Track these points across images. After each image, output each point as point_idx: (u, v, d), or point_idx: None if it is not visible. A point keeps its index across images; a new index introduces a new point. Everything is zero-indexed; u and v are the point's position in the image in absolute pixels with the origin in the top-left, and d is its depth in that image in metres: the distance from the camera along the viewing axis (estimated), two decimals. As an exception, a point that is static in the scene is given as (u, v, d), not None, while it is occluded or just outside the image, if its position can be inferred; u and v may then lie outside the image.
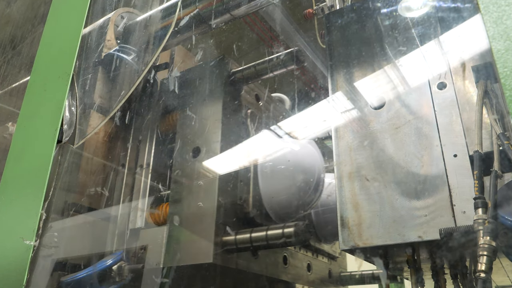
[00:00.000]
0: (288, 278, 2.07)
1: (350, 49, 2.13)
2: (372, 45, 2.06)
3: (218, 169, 1.77)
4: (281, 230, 1.65)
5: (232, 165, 1.81)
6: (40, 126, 1.45)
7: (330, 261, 2.55)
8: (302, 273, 2.21)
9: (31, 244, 1.20)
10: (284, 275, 2.04)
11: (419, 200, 1.66)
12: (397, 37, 2.00)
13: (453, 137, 1.66)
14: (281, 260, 2.05)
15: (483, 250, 1.28)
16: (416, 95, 1.83)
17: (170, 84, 2.03)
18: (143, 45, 2.13)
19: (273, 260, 1.98)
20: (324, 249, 2.45)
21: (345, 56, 2.14)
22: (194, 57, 2.40)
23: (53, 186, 1.29)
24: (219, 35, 3.04)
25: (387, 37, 2.03)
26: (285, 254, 2.07)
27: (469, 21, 1.79)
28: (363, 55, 2.08)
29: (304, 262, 2.25)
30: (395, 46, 1.99)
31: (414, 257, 1.75)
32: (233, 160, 1.82)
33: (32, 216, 1.25)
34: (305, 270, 2.24)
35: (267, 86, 2.26)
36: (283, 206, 1.90)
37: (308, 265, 2.28)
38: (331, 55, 2.19)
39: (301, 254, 2.24)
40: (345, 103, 2.05)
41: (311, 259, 2.33)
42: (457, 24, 1.83)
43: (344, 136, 1.96)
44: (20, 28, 2.44)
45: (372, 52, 2.05)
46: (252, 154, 1.90)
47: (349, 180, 1.86)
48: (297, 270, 2.16)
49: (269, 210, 1.90)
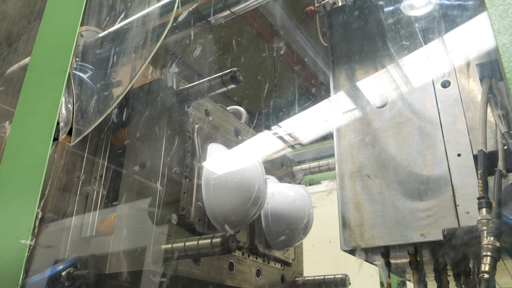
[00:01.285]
0: (234, 283, 2.15)
1: (353, 47, 2.13)
2: (375, 43, 2.07)
3: (161, 182, 1.90)
4: (210, 240, 1.72)
5: (175, 179, 1.95)
6: (36, 123, 1.45)
7: (284, 267, 2.61)
8: (250, 278, 2.28)
9: (27, 243, 1.20)
10: (229, 281, 2.12)
11: (422, 200, 1.66)
12: (400, 35, 2.00)
13: (457, 136, 1.66)
14: (227, 266, 2.13)
15: (486, 251, 1.28)
16: (419, 93, 1.83)
17: (168, 80, 2.06)
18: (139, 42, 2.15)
19: (217, 265, 2.06)
20: (275, 255, 2.51)
21: (347, 53, 2.14)
22: (156, 71, 2.45)
23: (49, 184, 1.29)
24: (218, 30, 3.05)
25: (390, 35, 2.03)
26: (231, 261, 2.16)
27: (473, 18, 1.79)
28: (365, 52, 2.08)
29: (253, 267, 2.33)
30: (398, 43, 1.99)
31: (416, 258, 1.75)
32: (176, 173, 1.97)
33: (28, 215, 1.25)
34: (254, 275, 2.32)
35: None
36: (224, 217, 2.02)
37: (257, 271, 2.36)
38: (333, 52, 2.19)
39: (250, 260, 2.32)
40: (347, 102, 2.05)
41: (261, 265, 2.40)
42: (462, 22, 1.84)
43: (346, 135, 1.96)
44: (16, 25, 2.44)
45: (375, 50, 2.05)
46: (196, 167, 2.06)
47: (350, 180, 1.86)
48: (244, 276, 2.24)
49: (212, 220, 2.01)
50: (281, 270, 2.57)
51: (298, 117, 4.31)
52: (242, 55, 5.37)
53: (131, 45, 2.22)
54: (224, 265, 2.11)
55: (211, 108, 2.29)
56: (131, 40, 2.25)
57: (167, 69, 2.37)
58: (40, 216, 1.26)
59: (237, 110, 2.90)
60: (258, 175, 2.11)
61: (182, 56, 4.15)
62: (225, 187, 2.03)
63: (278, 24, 4.70)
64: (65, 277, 1.76)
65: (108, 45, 2.41)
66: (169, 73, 2.11)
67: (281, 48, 5.20)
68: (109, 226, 1.95)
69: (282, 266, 2.59)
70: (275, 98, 5.55)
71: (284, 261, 2.60)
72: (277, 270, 2.54)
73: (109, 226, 1.95)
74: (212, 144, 2.19)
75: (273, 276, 2.49)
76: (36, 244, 1.24)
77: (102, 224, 1.98)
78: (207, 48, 3.49)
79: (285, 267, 2.61)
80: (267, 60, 5.50)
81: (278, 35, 5.12)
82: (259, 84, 5.49)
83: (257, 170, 2.12)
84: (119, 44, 2.29)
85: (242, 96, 5.65)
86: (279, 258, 2.55)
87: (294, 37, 4.85)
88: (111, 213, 1.98)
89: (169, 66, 2.40)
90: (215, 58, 4.43)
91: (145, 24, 2.22)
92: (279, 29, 4.83)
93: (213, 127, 2.28)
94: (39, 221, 1.24)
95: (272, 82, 5.58)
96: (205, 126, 2.19)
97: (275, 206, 2.43)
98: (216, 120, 2.31)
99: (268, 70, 5.49)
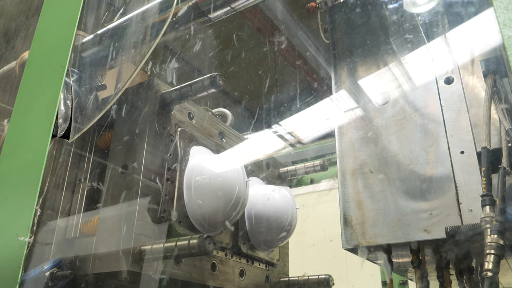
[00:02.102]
0: (216, 283, 2.18)
1: (354, 43, 2.13)
2: (377, 39, 2.06)
3: (142, 185, 1.93)
4: (187, 242, 1.75)
5: (156, 181, 1.99)
6: (35, 120, 1.44)
7: (268, 267, 2.65)
8: (233, 279, 2.31)
9: (25, 240, 1.20)
10: (211, 281, 2.15)
11: (425, 198, 1.66)
12: (403, 31, 2.00)
13: (460, 133, 1.66)
14: (209, 267, 2.16)
15: (490, 249, 1.28)
16: (422, 90, 1.83)
17: (167, 76, 2.09)
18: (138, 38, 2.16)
19: (199, 266, 2.09)
20: (259, 256, 2.55)
21: (349, 50, 2.13)
22: (144, 74, 2.47)
23: (47, 181, 1.29)
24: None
25: (393, 31, 2.03)
26: (214, 261, 2.20)
27: (477, 14, 1.79)
28: (367, 49, 2.08)
29: (236, 268, 2.36)
30: (401, 40, 1.99)
31: (418, 257, 1.75)
32: (158, 176, 2.01)
33: (27, 212, 1.25)
34: (237, 276, 2.35)
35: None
36: (205, 219, 2.06)
37: (241, 271, 2.38)
38: (334, 49, 2.19)
39: (233, 261, 2.35)
40: (348, 98, 2.05)
41: (245, 265, 2.43)
42: (465, 17, 1.83)
43: (347, 132, 1.96)
44: (14, 21, 2.43)
45: (377, 46, 2.05)
46: (178, 170, 2.10)
47: (352, 178, 1.86)
48: (227, 276, 2.27)
49: (194, 222, 2.05)
50: (266, 271, 2.61)
51: (298, 115, 4.31)
52: (243, 50, 5.38)
53: (129, 42, 2.23)
54: (206, 265, 2.14)
55: (194, 111, 2.33)
56: (129, 36, 2.26)
57: (167, 64, 2.38)
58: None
59: (223, 113, 2.93)
60: (239, 178, 2.15)
61: (181, 52, 4.16)
62: (207, 189, 2.07)
63: (278, 20, 4.69)
64: (48, 277, 1.80)
65: (105, 43, 2.41)
66: (168, 68, 2.12)
67: (282, 43, 5.19)
68: (93, 228, 1.99)
69: (267, 266, 2.63)
70: (276, 93, 5.55)
71: (269, 261, 2.64)
72: (262, 270, 2.58)
73: (93, 228, 1.99)
74: (195, 147, 2.22)
75: (257, 277, 2.52)
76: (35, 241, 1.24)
77: (86, 226, 2.02)
78: (207, 42, 3.49)
79: (269, 267, 2.65)
80: (268, 54, 5.51)
81: (279, 31, 5.12)
82: (259, 79, 5.50)
83: (238, 173, 2.16)
84: (118, 39, 2.30)
85: (242, 92, 5.66)
86: (264, 259, 2.59)
87: (294, 33, 4.85)
88: (94, 215, 2.03)
89: (168, 63, 2.41)
90: (213, 54, 4.44)
91: (145, 20, 2.23)
92: (280, 24, 4.83)
93: (197, 129, 2.31)
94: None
95: (273, 77, 5.59)
96: (188, 129, 2.22)
97: (258, 207, 2.48)
98: (199, 123, 2.34)
99: (269, 65, 5.50)
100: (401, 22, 2.02)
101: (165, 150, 2.09)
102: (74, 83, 2.09)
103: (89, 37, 2.46)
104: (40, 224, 1.93)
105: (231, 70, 5.22)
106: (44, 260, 1.89)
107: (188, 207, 2.05)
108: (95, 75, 2.36)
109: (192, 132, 2.25)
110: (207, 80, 2.02)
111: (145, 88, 2.16)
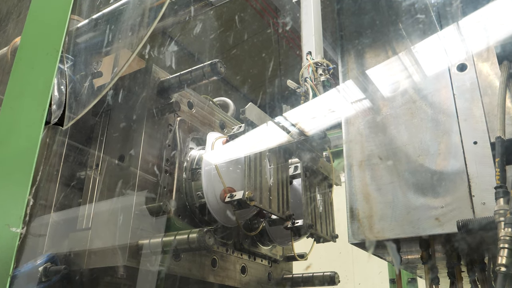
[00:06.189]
0: (217, 280, 2.18)
1: (363, 30, 2.12)
2: (387, 25, 2.05)
3: (140, 176, 1.92)
4: (187, 236, 1.75)
5: (154, 172, 1.99)
6: (27, 106, 1.44)
7: (271, 264, 2.64)
8: (234, 275, 2.31)
9: (17, 231, 1.20)
10: (211, 277, 2.15)
11: (435, 190, 1.66)
12: (414, 14, 1.98)
13: (473, 122, 1.65)
14: (209, 263, 2.16)
15: (504, 243, 1.28)
16: (434, 78, 1.82)
17: (166, 60, 2.08)
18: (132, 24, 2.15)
19: (199, 262, 2.09)
20: (262, 252, 2.54)
21: (357, 37, 2.12)
22: (141, 61, 2.45)
23: (40, 170, 1.29)
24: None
25: (403, 17, 2.01)
26: (214, 257, 2.20)
27: None
28: (376, 35, 2.06)
29: (237, 264, 2.36)
30: (411, 24, 1.97)
31: (428, 252, 1.75)
32: (156, 167, 2.00)
33: (19, 202, 1.25)
34: (239, 272, 2.35)
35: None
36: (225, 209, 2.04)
37: (242, 268, 2.38)
38: (342, 36, 2.17)
39: (234, 257, 2.34)
40: (356, 87, 2.04)
41: (246, 261, 2.43)
42: (479, 3, 1.81)
43: (355, 122, 1.95)
44: (5, 3, 2.42)
45: (387, 33, 2.03)
46: (177, 161, 2.09)
47: (359, 169, 1.85)
48: (228, 272, 2.27)
49: (213, 212, 2.04)
50: (268, 267, 2.60)
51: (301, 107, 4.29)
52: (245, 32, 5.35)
53: (126, 25, 2.22)
54: (206, 261, 2.14)
55: (194, 100, 2.31)
56: (125, 20, 2.25)
57: (165, 48, 2.37)
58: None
59: (225, 102, 2.90)
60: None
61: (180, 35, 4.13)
62: (233, 174, 2.01)
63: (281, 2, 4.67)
64: (42, 272, 1.81)
65: (101, 28, 2.40)
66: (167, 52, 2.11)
67: (286, 24, 5.18)
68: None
69: (270, 263, 2.62)
70: (280, 77, 5.55)
71: (272, 258, 2.62)
72: (264, 267, 2.57)
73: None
74: (211, 133, 2.20)
75: (259, 274, 2.51)
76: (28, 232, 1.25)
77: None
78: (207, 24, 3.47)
79: (272, 264, 2.64)
80: (271, 36, 5.49)
81: (279, 14, 5.11)
82: (263, 62, 5.48)
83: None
84: (115, 23, 2.29)
85: (245, 75, 5.65)
86: (266, 255, 2.57)
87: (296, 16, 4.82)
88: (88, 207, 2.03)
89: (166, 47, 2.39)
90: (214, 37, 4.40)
91: (142, 2, 2.22)
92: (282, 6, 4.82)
93: (197, 119, 2.30)
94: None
95: (277, 60, 5.58)
96: (187, 119, 2.21)
97: None
98: (199, 112, 2.33)
99: (273, 46, 5.48)
100: (413, 8, 2.00)
101: (164, 141, 2.08)
102: (69, 69, 2.09)
103: (84, 22, 2.46)
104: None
105: (233, 53, 5.22)
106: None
107: (208, 194, 2.01)
108: (90, 62, 2.35)
109: (191, 122, 2.24)
110: (207, 67, 2.01)
111: (143, 75, 2.15)
